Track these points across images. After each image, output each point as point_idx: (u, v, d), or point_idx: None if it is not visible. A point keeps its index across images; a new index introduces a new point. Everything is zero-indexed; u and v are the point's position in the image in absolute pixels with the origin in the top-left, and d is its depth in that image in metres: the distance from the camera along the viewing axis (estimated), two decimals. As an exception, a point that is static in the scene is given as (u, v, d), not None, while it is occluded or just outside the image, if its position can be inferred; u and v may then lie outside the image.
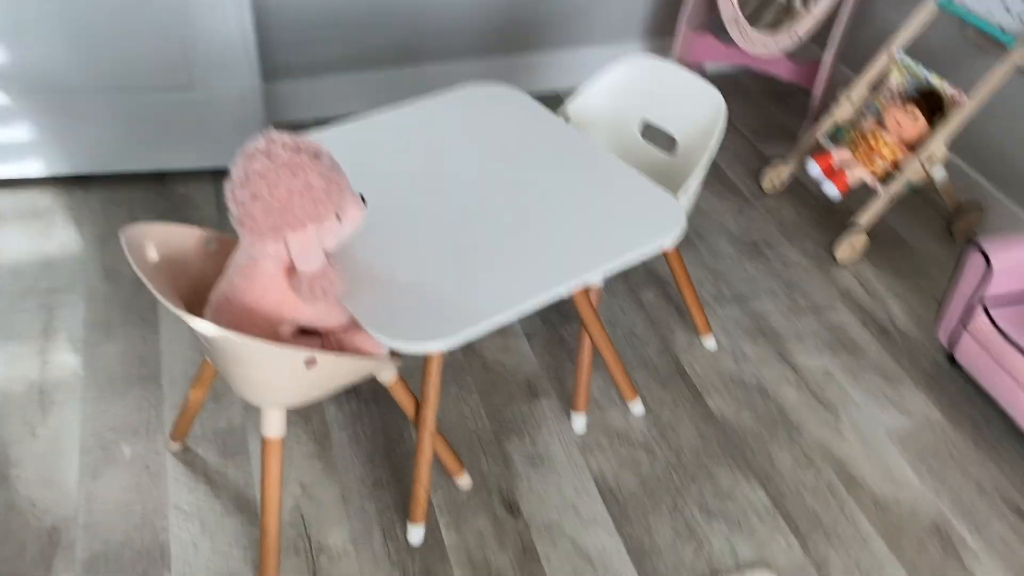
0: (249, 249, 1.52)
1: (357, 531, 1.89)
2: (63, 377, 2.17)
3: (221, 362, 1.55)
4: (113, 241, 2.57)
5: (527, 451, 2.07)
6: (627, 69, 2.15)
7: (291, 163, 1.43)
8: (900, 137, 2.59)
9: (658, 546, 1.90)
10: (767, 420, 2.18)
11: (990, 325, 2.14)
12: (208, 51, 2.55)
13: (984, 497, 2.03)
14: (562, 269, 1.63)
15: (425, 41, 3.08)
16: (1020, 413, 2.09)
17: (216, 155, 2.76)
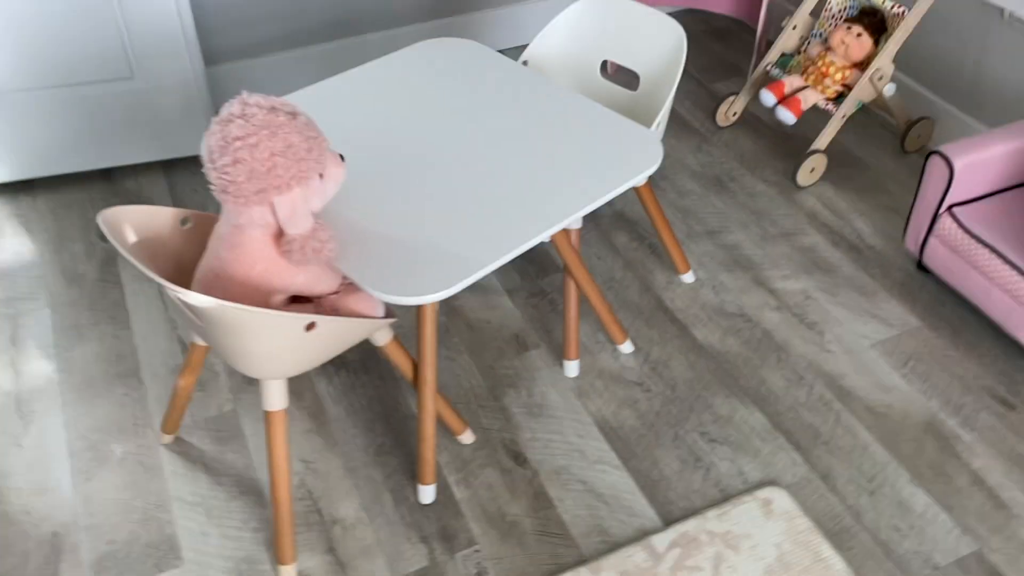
0: (234, 218, 1.47)
1: (367, 499, 1.87)
2: (39, 385, 2.10)
3: (217, 338, 1.51)
4: (69, 244, 2.48)
5: (524, 402, 2.07)
6: (583, 9, 2.14)
7: (269, 123, 1.40)
8: (847, 58, 2.63)
9: (666, 476, 1.92)
10: (754, 345, 2.21)
11: (957, 227, 2.20)
12: (146, 39, 2.46)
13: (970, 393, 2.10)
14: (549, 211, 1.63)
15: (363, 10, 3.02)
16: (993, 308, 2.16)
17: (163, 146, 2.68)
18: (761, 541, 1.78)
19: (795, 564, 1.75)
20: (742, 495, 1.87)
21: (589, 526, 1.83)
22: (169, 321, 2.26)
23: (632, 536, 1.81)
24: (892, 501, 1.87)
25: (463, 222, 1.60)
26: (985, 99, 2.66)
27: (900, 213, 2.61)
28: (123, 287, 2.35)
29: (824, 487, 1.90)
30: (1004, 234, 2.15)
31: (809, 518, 1.83)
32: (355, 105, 1.91)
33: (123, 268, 2.41)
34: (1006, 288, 2.10)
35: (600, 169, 1.71)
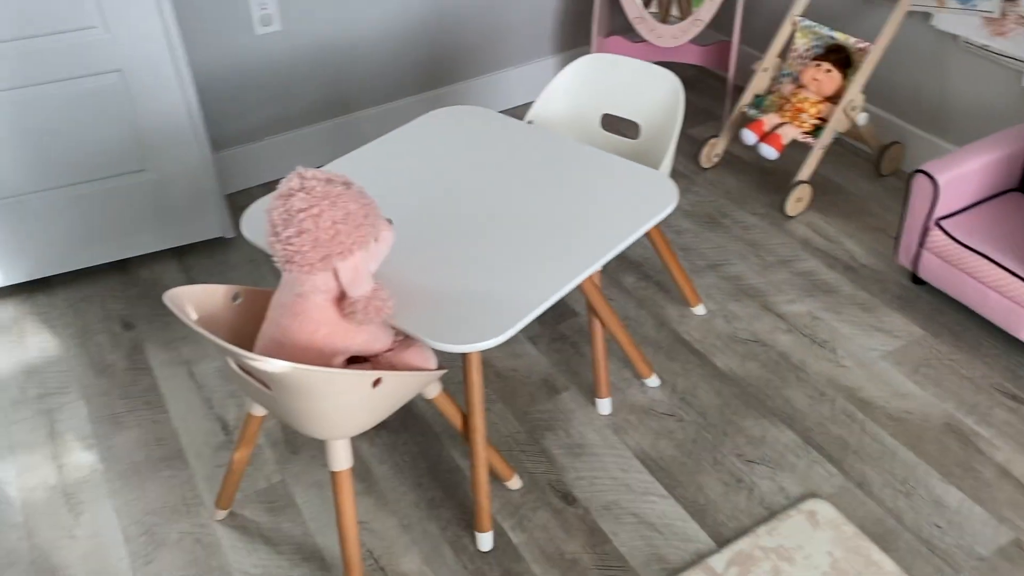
0: (296, 288, 1.55)
1: (427, 553, 1.92)
2: (84, 476, 2.12)
3: (286, 403, 1.56)
4: (93, 336, 2.52)
5: (564, 443, 2.14)
6: (579, 69, 2.27)
7: (328, 194, 1.48)
8: (820, 93, 2.81)
9: (712, 500, 1.99)
10: (772, 367, 2.31)
11: (947, 238, 2.34)
12: (157, 132, 2.55)
13: (981, 392, 2.21)
14: (582, 255, 1.72)
15: (354, 89, 3.14)
16: (990, 310, 2.29)
17: (175, 234, 2.74)
18: (813, 551, 1.86)
19: (849, 570, 1.82)
20: (787, 510, 1.95)
21: (647, 556, 1.89)
22: (205, 401, 2.30)
23: (690, 560, 1.87)
24: (927, 500, 1.96)
25: (503, 272, 1.69)
26: (949, 120, 2.84)
27: (886, 232, 2.76)
28: (153, 373, 2.39)
29: (862, 494, 1.99)
30: (992, 240, 2.30)
31: (854, 524, 1.91)
32: (385, 172, 2.00)
33: (151, 355, 2.45)
34: (1002, 290, 2.23)
35: (623, 212, 1.82)
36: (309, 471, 2.10)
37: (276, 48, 2.93)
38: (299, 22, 2.92)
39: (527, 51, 3.44)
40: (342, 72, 3.08)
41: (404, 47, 3.15)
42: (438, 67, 3.27)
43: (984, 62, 2.66)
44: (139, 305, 2.63)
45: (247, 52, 2.89)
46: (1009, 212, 2.40)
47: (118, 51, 2.40)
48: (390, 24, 3.08)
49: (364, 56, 3.10)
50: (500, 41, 3.36)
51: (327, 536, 1.96)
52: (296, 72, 3.00)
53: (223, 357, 1.62)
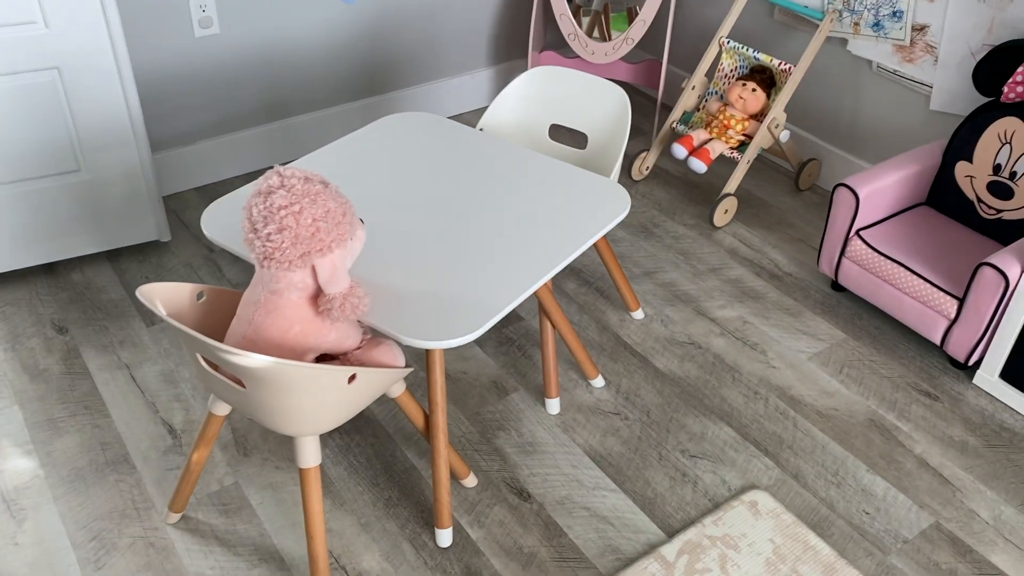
0: (272, 285, 1.56)
1: (387, 550, 1.94)
2: (24, 481, 2.05)
3: (259, 399, 1.57)
4: (24, 340, 2.44)
5: (516, 442, 2.20)
6: (530, 79, 2.35)
7: (308, 192, 1.51)
8: (745, 111, 2.97)
9: (659, 493, 2.08)
10: (709, 368, 2.43)
11: (866, 247, 2.52)
12: (95, 131, 2.49)
13: (899, 389, 2.38)
14: (541, 258, 1.79)
15: (292, 94, 3.14)
16: (906, 315, 2.47)
17: (109, 237, 2.68)
18: (756, 539, 1.97)
19: (789, 554, 1.94)
20: (730, 501, 2.06)
21: (601, 547, 1.96)
22: (149, 405, 2.26)
23: (642, 550, 1.95)
24: (856, 490, 2.11)
25: (467, 274, 1.74)
26: (862, 138, 3.05)
27: (806, 242, 2.93)
28: (92, 377, 2.33)
29: (797, 485, 2.11)
30: (907, 249, 2.48)
31: (792, 513, 2.03)
32: (341, 177, 2.03)
33: (88, 359, 2.39)
34: (916, 296, 2.42)
35: (579, 217, 1.90)
36: (262, 473, 2.10)
37: (215, 51, 2.91)
38: (238, 25, 2.91)
39: (463, 63, 3.51)
40: (280, 77, 3.08)
41: (343, 54, 3.17)
42: (376, 75, 3.30)
43: (895, 86, 2.87)
44: (71, 309, 2.55)
45: (186, 54, 2.86)
46: (920, 224, 2.60)
47: (57, 48, 2.34)
48: (329, 31, 3.10)
49: (303, 61, 3.10)
50: (437, 52, 3.41)
51: (284, 537, 1.96)
52: (234, 76, 2.98)
53: (193, 354, 1.62)
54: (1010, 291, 2.22)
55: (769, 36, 3.21)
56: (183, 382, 2.33)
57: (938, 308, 2.37)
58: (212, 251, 2.80)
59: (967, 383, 2.40)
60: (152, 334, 2.47)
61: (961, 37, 2.62)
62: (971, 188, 2.57)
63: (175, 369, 2.37)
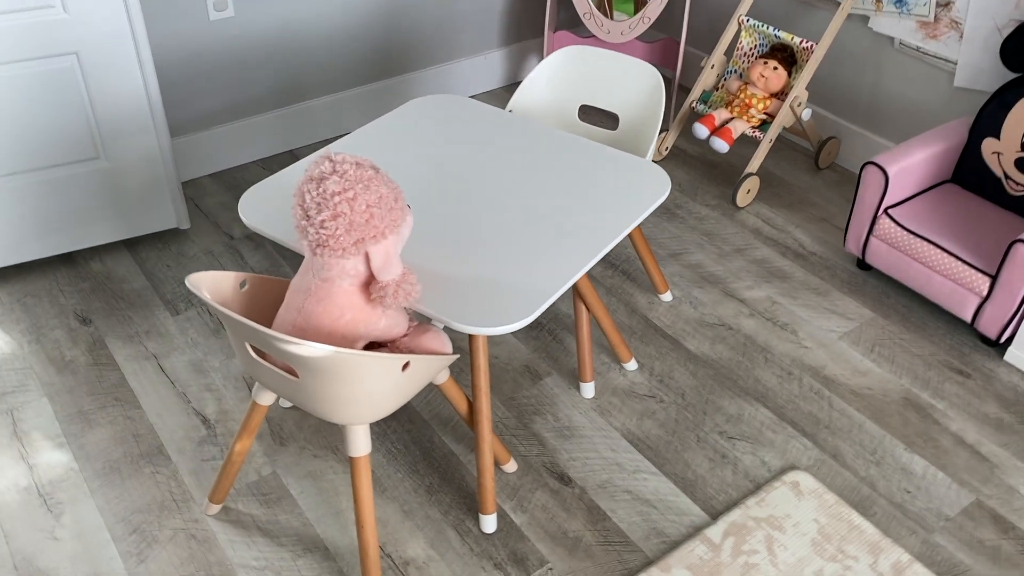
0: (323, 273, 1.53)
1: (431, 537, 1.93)
2: (59, 475, 2.03)
3: (313, 389, 1.55)
4: (48, 332, 2.40)
5: (553, 426, 2.19)
6: (560, 60, 2.32)
7: (361, 178, 1.48)
8: (767, 89, 2.95)
9: (700, 475, 2.08)
10: (740, 349, 2.42)
11: (895, 226, 2.51)
12: (114, 117, 2.45)
13: (931, 368, 2.38)
14: (587, 241, 1.77)
15: (307, 77, 3.09)
16: (936, 292, 2.47)
17: (128, 225, 2.64)
18: (801, 519, 1.97)
19: (834, 534, 1.94)
20: (771, 482, 2.05)
21: (646, 530, 1.95)
22: (180, 395, 2.23)
23: (687, 533, 1.95)
24: (895, 468, 2.11)
25: (514, 258, 1.72)
26: (883, 116, 3.04)
27: (829, 221, 2.92)
28: (120, 368, 2.30)
29: (837, 464, 2.11)
30: (935, 227, 2.48)
31: (834, 493, 2.03)
32: (377, 161, 1.99)
33: (115, 350, 2.35)
34: (946, 274, 2.41)
35: (621, 199, 1.88)
36: (300, 462, 2.08)
37: (230, 34, 2.86)
38: (253, 7, 2.85)
39: (476, 44, 3.47)
40: (295, 60, 3.03)
41: (357, 35, 3.13)
42: (390, 57, 3.26)
43: (918, 63, 2.86)
44: (93, 299, 2.52)
45: (200, 38, 2.81)
46: (947, 201, 2.59)
47: (76, 32, 2.29)
48: (344, 12, 3.05)
49: (317, 44, 3.05)
50: (450, 33, 3.37)
51: (327, 526, 1.94)
52: (249, 59, 2.93)
53: (240, 343, 1.59)
54: (1045, 268, 2.22)
55: (789, 14, 3.19)
56: (213, 371, 2.30)
57: (969, 286, 2.37)
58: (233, 238, 2.76)
59: (998, 360, 2.41)
60: (178, 323, 2.44)
61: (987, 12, 2.61)
62: (998, 165, 2.56)
63: (204, 359, 2.34)
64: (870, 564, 1.88)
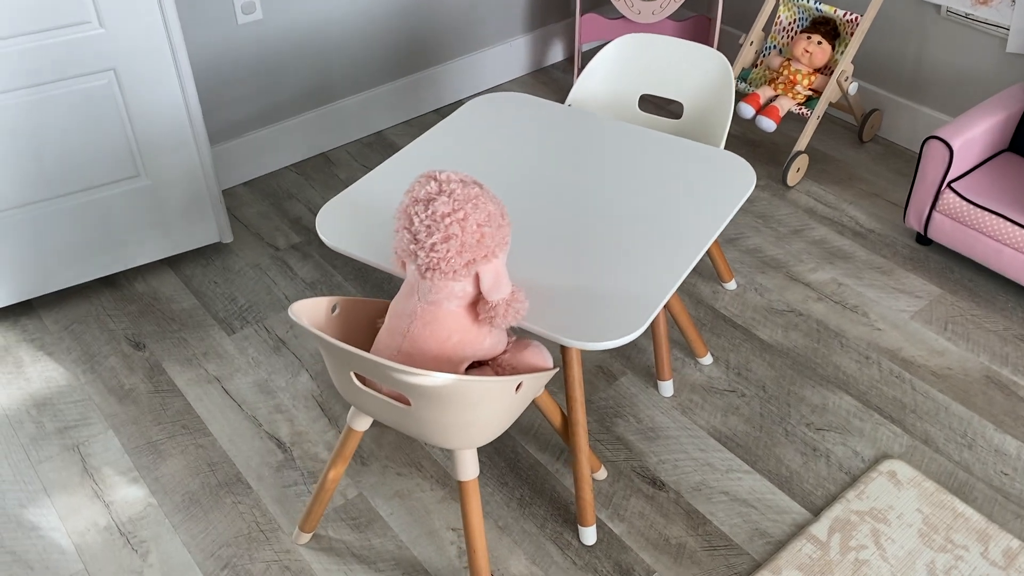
0: (430, 296, 1.47)
1: (532, 553, 1.88)
2: (138, 512, 1.96)
3: (425, 416, 1.49)
4: (102, 360, 2.32)
5: (636, 428, 2.14)
6: (619, 50, 2.24)
7: (469, 196, 1.41)
8: (811, 64, 2.88)
9: (794, 471, 2.04)
10: (814, 336, 2.38)
11: (960, 200, 2.46)
12: (154, 133, 2.35)
13: (1006, 342, 2.35)
14: (685, 241, 1.71)
15: (336, 77, 3.00)
16: (1006, 266, 2.43)
17: (171, 243, 2.55)
18: (904, 510, 1.93)
19: (940, 524, 1.90)
20: (867, 473, 2.01)
21: (748, 532, 1.91)
22: (250, 419, 2.16)
23: (791, 531, 1.91)
24: (989, 450, 2.07)
25: (610, 264, 1.65)
26: (928, 86, 2.98)
27: (881, 196, 2.87)
28: (183, 394, 2.23)
29: (929, 450, 2.08)
30: (1002, 199, 2.43)
31: (932, 480, 2.00)
32: (450, 167, 1.92)
33: (174, 375, 2.28)
34: (1017, 246, 2.37)
35: (708, 194, 1.82)
36: (385, 482, 2.02)
37: (259, 37, 2.76)
38: (280, 9, 2.75)
39: (501, 31, 3.38)
40: (324, 60, 2.94)
41: (383, 32, 3.03)
42: (416, 51, 3.17)
43: (966, 30, 2.80)
44: (143, 322, 2.44)
45: (229, 43, 2.71)
46: (1008, 171, 2.54)
47: (113, 48, 2.20)
48: (369, 8, 2.95)
49: (346, 41, 2.96)
50: (475, 22, 3.28)
51: (423, 547, 1.89)
52: (279, 62, 2.84)
53: (343, 371, 1.52)
54: None
55: (822, -15, 3.11)
56: (280, 392, 2.23)
57: (1043, 258, 2.33)
58: (278, 249, 2.68)
59: (1074, 331, 2.38)
60: (236, 343, 2.36)
61: (1041, -24, 2.55)
62: (1060, 131, 2.52)
63: (268, 378, 2.27)
64: (981, 553, 1.85)
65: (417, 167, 1.92)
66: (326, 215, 1.78)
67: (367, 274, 2.59)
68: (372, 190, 1.85)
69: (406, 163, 1.94)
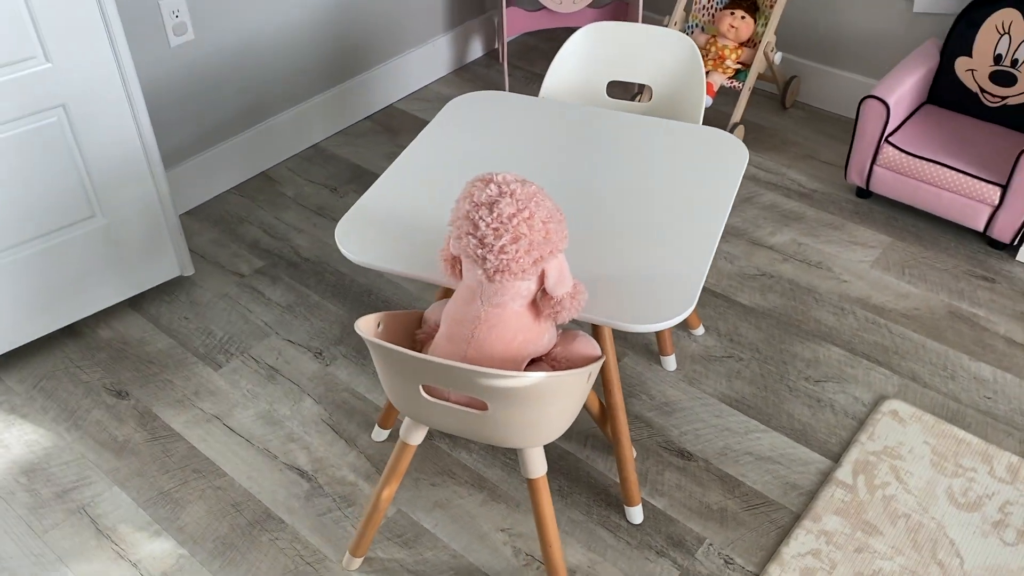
0: (494, 298, 1.46)
1: (585, 540, 1.90)
2: (170, 565, 1.86)
3: (503, 418, 1.49)
4: (84, 415, 2.18)
5: (651, 405, 2.19)
6: (584, 39, 2.28)
7: (530, 195, 1.41)
8: (737, 39, 3.01)
9: (806, 423, 2.14)
10: (789, 294, 2.50)
11: (898, 152, 2.64)
12: (107, 169, 2.22)
13: (958, 279, 2.54)
14: (701, 219, 1.77)
15: (272, 93, 2.91)
16: (945, 210, 2.62)
17: (132, 282, 2.41)
18: (913, 444, 2.07)
19: (946, 451, 2.05)
20: (872, 415, 2.14)
21: (781, 486, 2.00)
22: (263, 452, 2.09)
23: (818, 480, 2.01)
24: (969, 379, 2.24)
25: (638, 249, 1.68)
26: (841, 51, 3.17)
27: (815, 157, 3.04)
28: (183, 437, 2.12)
29: (918, 386, 2.23)
30: (935, 147, 2.62)
31: (929, 413, 2.15)
32: (458, 169, 1.91)
33: (169, 419, 2.17)
34: (956, 190, 2.56)
35: (708, 173, 1.88)
36: (420, 494, 1.99)
37: (193, 59, 2.64)
38: (213, 27, 2.65)
39: (423, 32, 3.36)
40: (259, 75, 2.84)
41: (313, 42, 2.96)
42: (345, 59, 3.11)
43: (873, -6, 3.00)
44: (119, 369, 2.30)
45: (163, 67, 2.58)
46: (933, 122, 2.74)
47: (62, 83, 2.06)
48: (299, 20, 2.88)
49: (279, 54, 2.87)
50: (397, 25, 3.24)
51: (478, 552, 1.88)
52: (214, 82, 2.73)
53: (409, 385, 1.50)
54: (1056, 170, 2.39)
55: (731, -38, 3.25)
56: (286, 420, 2.16)
57: (980, 198, 2.53)
58: (243, 276, 2.58)
59: (1013, 261, 2.59)
60: (226, 378, 2.27)
61: (940, -61, 2.75)
62: (973, 81, 2.74)
63: (271, 408, 2.19)
64: (988, 472, 2.01)
65: (418, 173, 1.90)
66: (345, 232, 1.74)
67: (345, 289, 2.53)
68: (382, 201, 1.82)
69: (406, 170, 1.91)
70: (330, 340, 2.37)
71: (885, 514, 1.92)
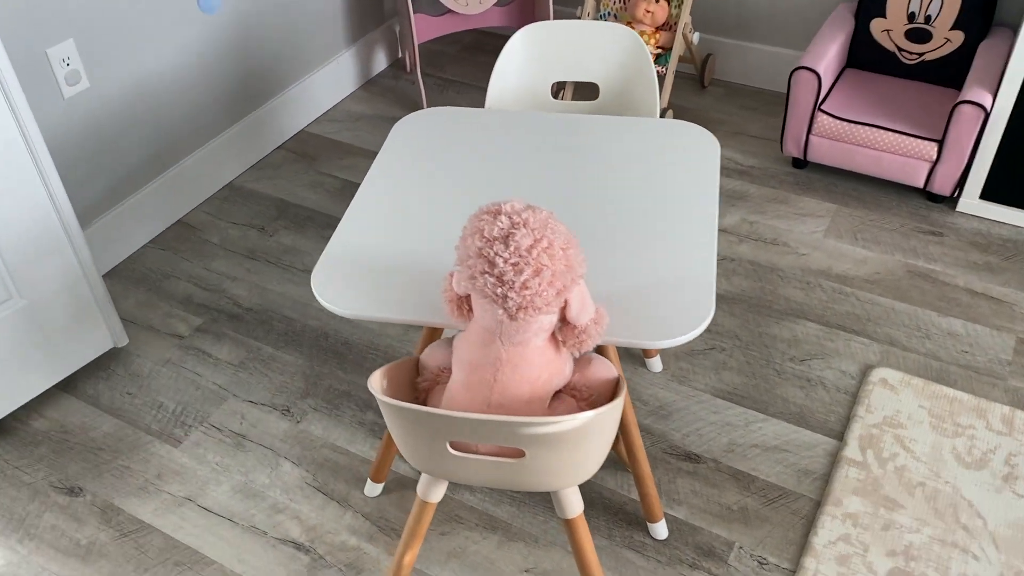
0: (515, 337, 1.35)
1: (614, 566, 1.82)
2: (172, 676, 1.67)
3: (541, 463, 1.38)
4: (34, 521, 1.94)
5: (646, 411, 2.12)
6: (523, 42, 2.18)
7: (543, 222, 1.30)
8: (654, 23, 2.97)
9: (802, 405, 2.12)
10: (754, 276, 2.48)
11: (833, 119, 2.65)
12: (21, 245, 1.98)
13: (908, 236, 2.58)
14: (695, 213, 1.70)
15: (178, 133, 2.69)
16: (884, 170, 2.66)
17: (62, 364, 2.17)
18: (910, 410, 2.07)
19: (942, 412, 2.06)
20: (863, 387, 2.14)
21: (794, 475, 1.97)
22: (248, 531, 1.91)
23: (828, 462, 1.99)
24: (943, 335, 2.27)
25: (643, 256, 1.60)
26: (751, 25, 3.17)
27: (743, 133, 3.04)
28: (156, 528, 1.92)
29: (898, 350, 2.24)
30: (867, 110, 2.65)
31: (917, 376, 2.16)
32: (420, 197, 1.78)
33: (134, 511, 1.96)
34: (894, 150, 2.60)
35: (687, 170, 1.81)
36: (431, 547, 1.86)
37: (89, 109, 2.40)
38: (108, 72, 2.41)
39: (325, 50, 3.18)
40: (163, 117, 2.62)
41: (213, 76, 2.75)
42: (249, 89, 2.91)
43: (780, -35, 3.01)
44: (65, 463, 2.07)
45: (58, 121, 2.34)
46: (858, 85, 2.77)
47: (-42, 156, 1.82)
48: (197, 53, 2.66)
49: (181, 92, 2.65)
50: (297, 46, 3.06)
51: (506, 600, 1.77)
52: (117, 131, 2.49)
53: (434, 442, 1.37)
54: (989, 120, 2.45)
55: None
56: (266, 489, 1.99)
57: (918, 155, 2.57)
58: (183, 338, 2.37)
59: (954, 212, 2.65)
60: (188, 453, 2.07)
61: (840, -96, 2.78)
62: (890, 41, 2.78)
63: (246, 480, 2.01)
64: (985, 427, 2.03)
65: (382, 206, 1.76)
66: (321, 283, 1.59)
67: (298, 336, 2.36)
68: (351, 243, 1.67)
69: (368, 205, 1.77)
70: (295, 394, 2.20)
71: (901, 486, 1.91)
